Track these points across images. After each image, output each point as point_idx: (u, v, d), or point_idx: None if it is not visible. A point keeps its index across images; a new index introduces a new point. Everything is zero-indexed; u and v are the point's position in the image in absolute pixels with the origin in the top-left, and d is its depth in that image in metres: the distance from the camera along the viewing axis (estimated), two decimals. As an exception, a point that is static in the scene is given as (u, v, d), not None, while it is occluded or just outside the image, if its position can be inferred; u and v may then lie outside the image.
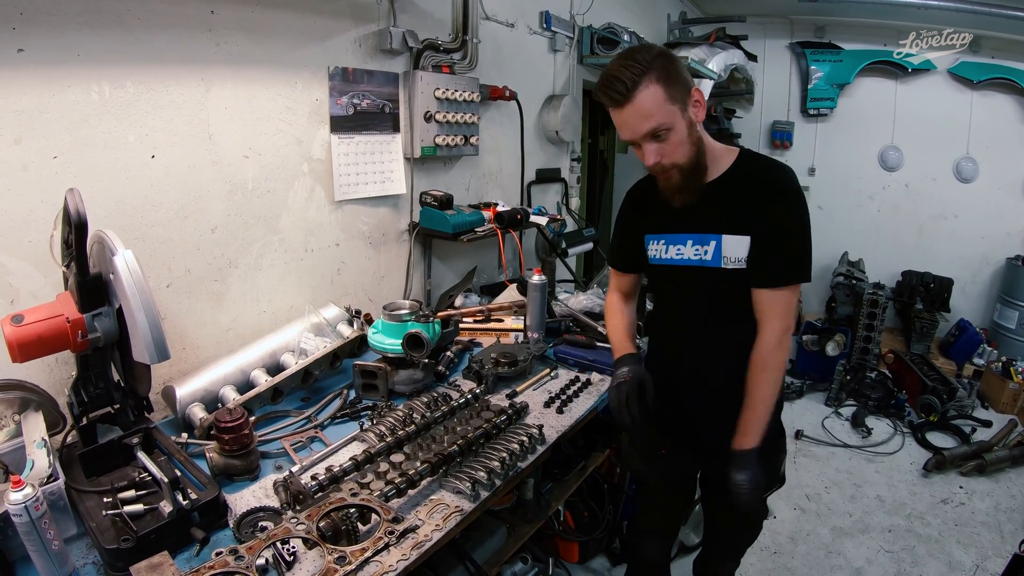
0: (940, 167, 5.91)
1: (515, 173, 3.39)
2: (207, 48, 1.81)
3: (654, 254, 1.72)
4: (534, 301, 2.30)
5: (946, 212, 5.99)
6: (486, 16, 2.90)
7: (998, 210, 5.77)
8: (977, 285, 6.02)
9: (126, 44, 1.62)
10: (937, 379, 4.73)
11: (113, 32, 1.59)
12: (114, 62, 1.60)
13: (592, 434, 2.52)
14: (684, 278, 1.66)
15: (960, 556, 3.15)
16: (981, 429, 4.46)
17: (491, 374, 2.01)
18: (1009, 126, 5.63)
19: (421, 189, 2.67)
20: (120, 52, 1.61)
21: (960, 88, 5.68)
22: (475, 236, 2.66)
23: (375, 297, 2.55)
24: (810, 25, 6.17)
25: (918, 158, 5.99)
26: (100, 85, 1.58)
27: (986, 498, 3.72)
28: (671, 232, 1.67)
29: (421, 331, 1.90)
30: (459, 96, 2.69)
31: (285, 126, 2.08)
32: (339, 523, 1.27)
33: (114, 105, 1.62)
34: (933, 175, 5.93)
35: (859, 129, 6.18)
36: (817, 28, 6.15)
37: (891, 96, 6.01)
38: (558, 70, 3.64)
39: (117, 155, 1.64)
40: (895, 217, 6.15)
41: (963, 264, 5.94)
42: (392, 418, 1.72)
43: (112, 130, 1.62)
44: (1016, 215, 5.76)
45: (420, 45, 2.53)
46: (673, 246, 1.67)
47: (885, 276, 5.89)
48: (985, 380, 5.09)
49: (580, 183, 4.24)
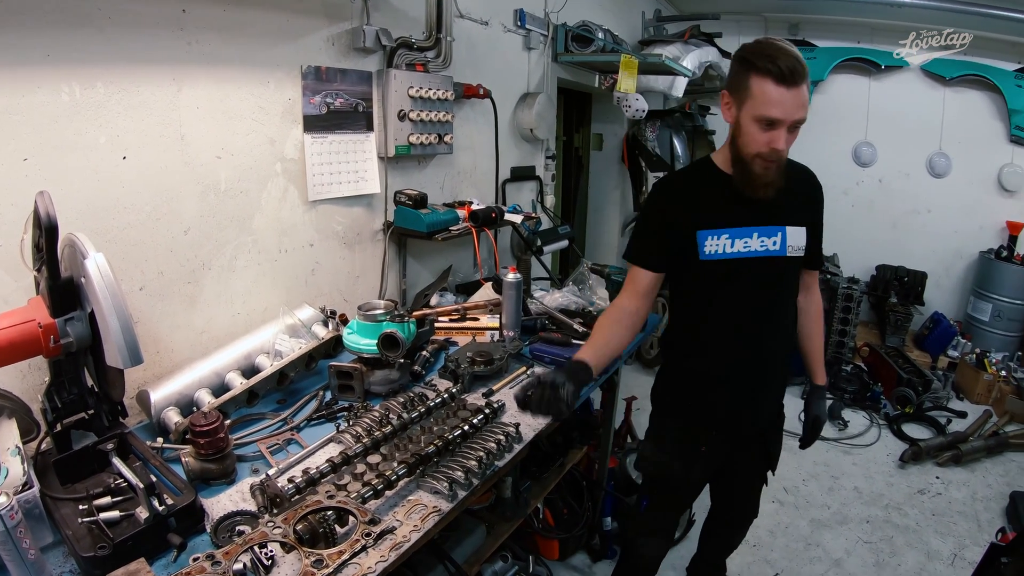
0: (913, 162, 6.13)
1: (490, 171, 3.44)
2: (179, 47, 1.82)
3: (713, 249, 1.76)
4: (509, 299, 2.34)
5: (919, 207, 6.21)
6: (460, 14, 2.94)
7: (971, 205, 6.01)
8: (951, 278, 6.26)
9: (96, 44, 1.63)
10: (912, 371, 4.92)
11: (83, 31, 1.60)
12: (84, 62, 1.61)
13: (570, 431, 2.60)
14: (749, 269, 1.78)
15: (938, 545, 3.29)
16: (956, 420, 4.68)
17: (467, 373, 2.05)
18: (981, 122, 5.86)
19: (395, 188, 2.70)
20: (90, 52, 1.62)
21: (933, 84, 5.90)
22: (450, 235, 2.70)
23: (350, 297, 2.58)
24: (784, 22, 6.34)
25: (891, 154, 6.20)
26: (70, 86, 1.59)
27: (962, 488, 3.88)
28: (736, 226, 1.76)
29: (396, 331, 1.93)
30: (433, 94, 2.73)
31: (258, 126, 2.10)
32: (316, 526, 1.29)
33: (84, 106, 1.63)
34: (906, 170, 6.14)
35: (833, 125, 6.34)
36: (791, 25, 6.32)
37: (864, 93, 6.22)
38: (532, 68, 3.69)
39: (88, 157, 1.65)
40: (869, 212, 6.34)
41: (937, 258, 6.18)
42: (368, 419, 1.75)
43: (82, 131, 1.63)
44: (989, 209, 5.99)
45: (394, 43, 2.56)
46: (740, 239, 1.76)
47: (860, 270, 6.10)
48: (960, 372, 5.30)
49: (555, 181, 4.30)
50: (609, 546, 2.98)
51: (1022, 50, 5.61)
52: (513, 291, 2.33)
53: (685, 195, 1.82)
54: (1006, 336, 5.67)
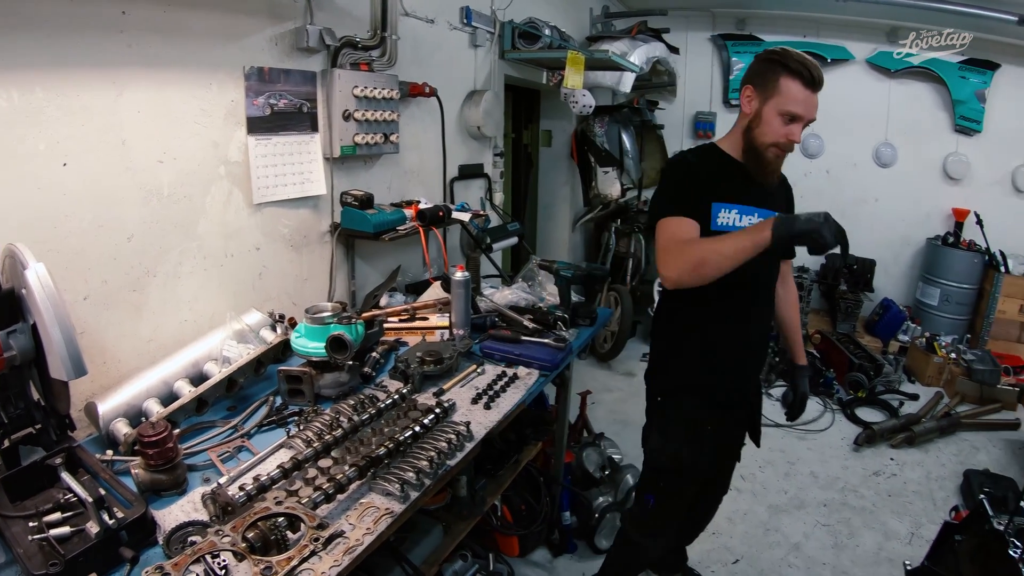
0: (860, 153, 6.47)
1: (437, 170, 3.52)
2: (119, 50, 1.86)
3: (724, 221, 1.99)
4: (458, 298, 2.41)
5: (867, 196, 6.56)
6: (405, 12, 3.02)
7: (917, 193, 6.40)
8: (899, 265, 6.66)
9: (34, 47, 1.66)
10: (864, 356, 5.23)
11: (20, 35, 1.63)
12: (22, 66, 1.64)
13: (523, 428, 2.68)
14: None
15: (895, 525, 3.50)
16: (908, 402, 4.99)
17: (417, 373, 2.10)
18: (926, 112, 6.24)
19: (342, 189, 2.76)
20: (28, 56, 1.65)
21: (879, 77, 6.25)
22: (397, 235, 2.77)
23: (299, 301, 2.63)
24: (731, 18, 6.59)
25: (838, 145, 6.51)
26: (8, 91, 1.62)
27: (917, 468, 4.13)
28: (745, 204, 2.02)
29: (343, 333, 1.97)
30: (378, 94, 2.79)
31: (200, 129, 2.15)
32: (268, 533, 1.31)
33: (23, 112, 1.65)
34: (853, 161, 6.47)
35: None
36: (738, 20, 6.58)
37: None
38: (479, 65, 3.79)
39: (27, 164, 1.68)
40: (817, 202, 6.53)
41: (885, 245, 6.53)
42: (319, 423, 1.79)
43: (22, 138, 1.66)
44: (935, 197, 6.38)
45: (338, 43, 2.63)
46: (747, 216, 2.01)
47: (809, 259, 6.45)
48: (910, 356, 5.66)
49: (504, 178, 4.41)
50: (569, 540, 3.10)
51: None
52: (461, 289, 2.40)
53: (703, 169, 2.05)
54: (955, 319, 6.09)
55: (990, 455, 4.36)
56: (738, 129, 2.03)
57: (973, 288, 6.04)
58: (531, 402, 2.93)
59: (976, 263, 6.00)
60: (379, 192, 2.95)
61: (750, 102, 1.97)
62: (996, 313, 5.86)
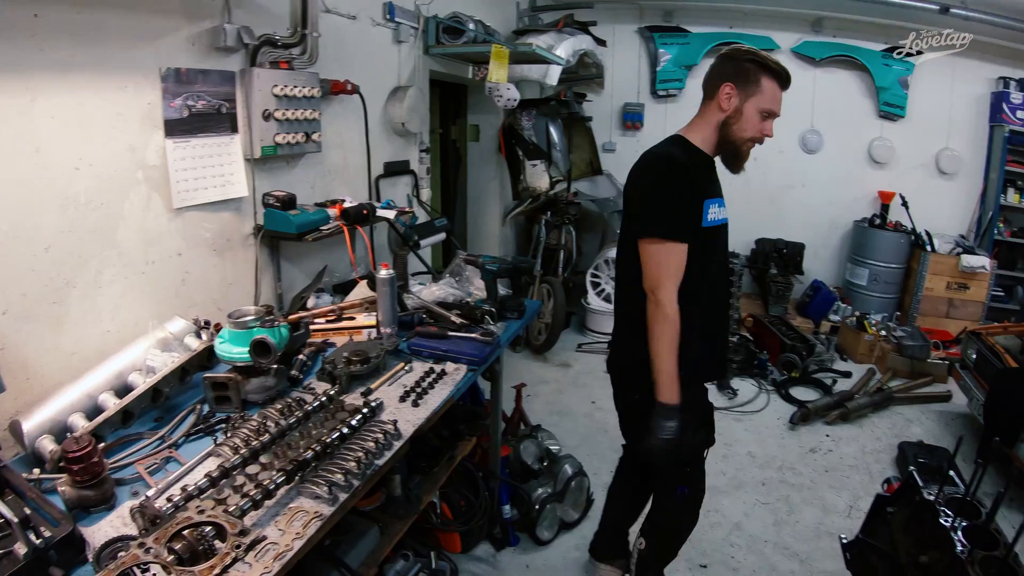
0: (787, 140, 6.84)
1: (362, 168, 3.61)
2: (31, 54, 1.87)
3: (714, 216, 2.22)
4: (384, 296, 2.47)
5: (794, 182, 7.01)
6: (327, 9, 3.09)
7: (843, 178, 6.89)
8: (828, 248, 7.15)
9: (-58, 55, 1.67)
10: (796, 338, 5.60)
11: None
12: (-71, 75, 1.65)
13: (456, 424, 2.77)
14: (721, 234, 2.32)
15: (833, 499, 3.75)
16: (842, 380, 5.36)
17: (344, 374, 2.14)
18: (851, 100, 6.73)
19: (264, 190, 2.80)
20: (-65, 64, 1.66)
21: (804, 66, 6.64)
22: (321, 235, 2.82)
23: (224, 306, 2.65)
24: (658, 10, 6.87)
25: (764, 132, 6.84)
26: (-87, 101, 1.63)
27: (852, 443, 4.44)
28: (718, 196, 2.27)
29: (266, 336, 2.01)
30: (299, 92, 2.84)
31: (117, 133, 2.17)
32: (195, 543, 1.32)
33: (-68, 122, 1.66)
34: (780, 147, 6.81)
35: None
36: (665, 13, 6.86)
37: None
38: (403, 61, 3.89)
39: (-62, 175, 1.69)
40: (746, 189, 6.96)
41: (814, 229, 7.00)
42: (246, 429, 1.80)
43: (-68, 148, 1.67)
44: (860, 181, 6.89)
45: (257, 41, 2.67)
46: (722, 208, 2.28)
47: (740, 245, 6.84)
48: (842, 335, 6.12)
49: (430, 174, 4.51)
50: (511, 533, 3.23)
51: (889, 31, 6.48)
52: (387, 287, 2.46)
53: (695, 169, 2.20)
54: (884, 298, 6.64)
55: (923, 427, 4.74)
56: (710, 124, 2.22)
57: (900, 267, 6.61)
58: (466, 397, 3.08)
59: (903, 243, 6.56)
60: (303, 192, 3.01)
61: (730, 99, 2.17)
62: (924, 290, 6.42)
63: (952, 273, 6.33)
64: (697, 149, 2.24)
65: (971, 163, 6.85)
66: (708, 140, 2.24)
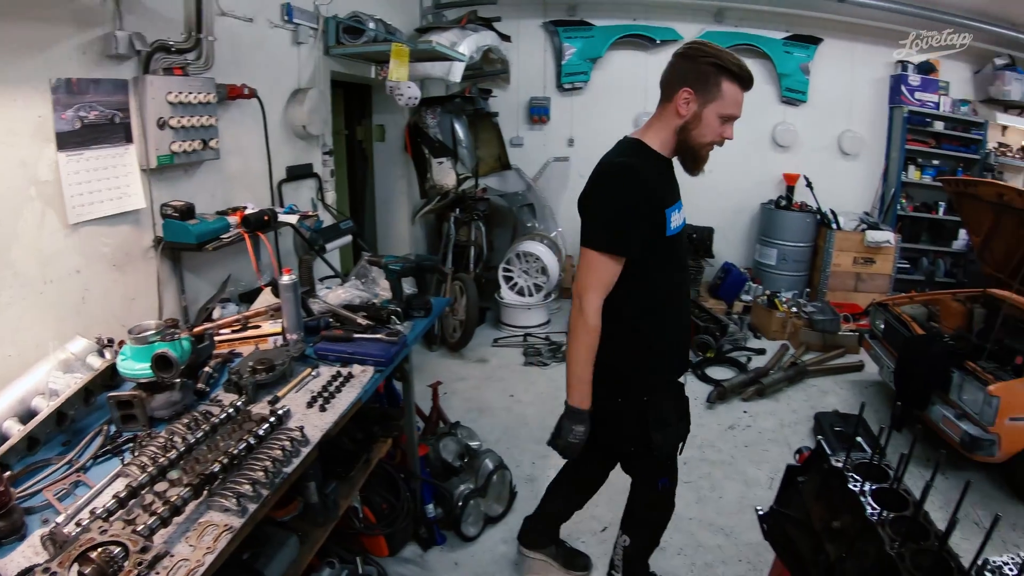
0: None
1: (263, 173, 3.64)
2: (-88, 72, 1.86)
3: (676, 223, 2.30)
4: (288, 302, 2.49)
5: None
6: (222, 12, 3.11)
7: (749, 163, 7.32)
8: (737, 231, 7.64)
9: None
10: (709, 319, 5.97)
11: None
12: None
13: (371, 426, 2.83)
14: (682, 236, 2.40)
15: (754, 473, 4.00)
16: (756, 357, 5.73)
17: (250, 383, 2.15)
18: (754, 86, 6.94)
19: (163, 201, 2.80)
20: None
21: None
22: (222, 243, 2.84)
23: (128, 322, 2.59)
24: (562, 4, 7.13)
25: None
26: None
27: (769, 417, 4.74)
28: (678, 201, 2.35)
29: (168, 350, 2.00)
30: (194, 98, 2.84)
31: (6, 149, 2.16)
32: (104, 566, 1.32)
33: None
34: (686, 136, 7.14)
35: (613, 99, 7.38)
36: (569, 7, 7.14)
37: (642, 66, 7.26)
38: (303, 63, 3.94)
39: None
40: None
41: (722, 213, 7.43)
42: (154, 446, 1.80)
43: None
44: (765, 165, 7.39)
45: (149, 48, 2.67)
46: (680, 213, 2.35)
47: None
48: (754, 314, 6.55)
49: (335, 176, 4.57)
50: (436, 532, 3.31)
51: (790, 19, 7.01)
52: (290, 293, 2.48)
53: (651, 177, 2.21)
54: (793, 276, 7.18)
55: (838, 396, 5.13)
56: (668, 128, 2.23)
57: (808, 246, 7.16)
58: (383, 399, 3.17)
59: (809, 222, 7.11)
60: (203, 201, 3.03)
61: (687, 104, 2.16)
62: (832, 267, 6.98)
63: (858, 249, 6.91)
64: (655, 153, 2.25)
65: (872, 143, 7.51)
66: (666, 143, 2.25)
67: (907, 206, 7.55)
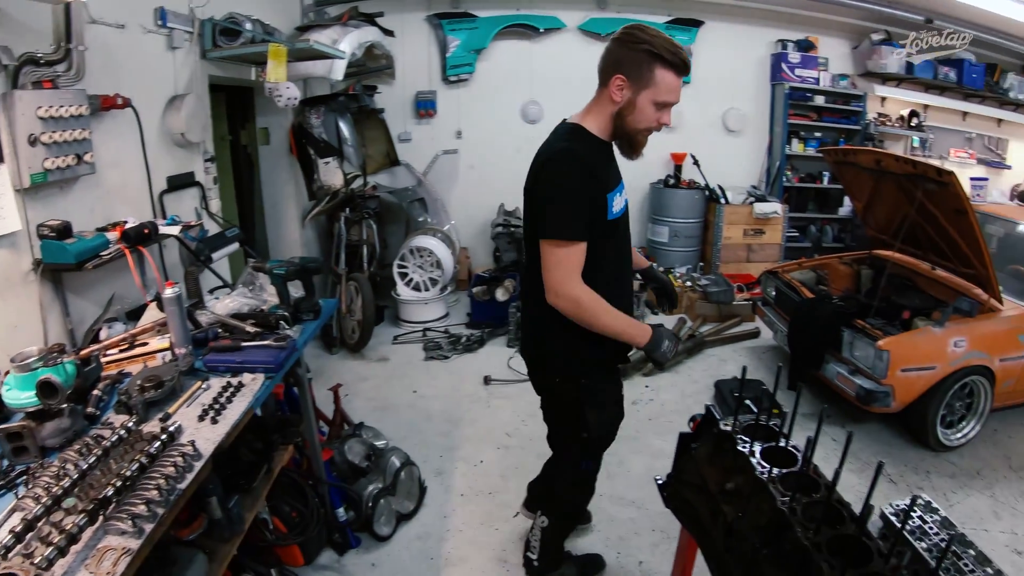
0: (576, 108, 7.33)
1: (143, 185, 3.59)
2: None
3: (619, 207, 2.37)
4: (173, 315, 2.46)
5: None
6: (92, 20, 3.04)
7: None
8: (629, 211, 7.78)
9: None
10: None
11: None
12: None
13: (270, 435, 2.85)
14: (623, 219, 2.47)
15: (660, 445, 4.20)
16: None
17: (140, 402, 2.14)
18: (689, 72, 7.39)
19: (39, 221, 2.75)
20: None
21: (591, 41, 7.34)
22: (102, 261, 2.81)
23: (12, 351, 2.53)
24: (445, -5, 7.17)
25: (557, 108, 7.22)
26: None
27: (671, 390, 5.01)
28: (620, 184, 2.41)
29: (51, 376, 1.99)
30: (66, 112, 2.78)
31: None
32: None
33: None
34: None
35: (500, 89, 7.56)
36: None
37: (527, 55, 7.46)
38: (179, 68, 3.90)
39: None
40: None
41: None
42: (47, 476, 1.75)
43: None
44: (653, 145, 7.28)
45: (17, 62, 2.62)
46: (622, 196, 2.42)
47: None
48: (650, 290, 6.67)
49: (219, 184, 4.53)
50: (350, 535, 3.35)
51: (671, 4, 7.42)
52: (174, 307, 2.44)
53: (592, 163, 2.26)
54: (685, 251, 7.60)
55: (737, 363, 5.44)
56: (605, 114, 2.29)
57: (698, 221, 7.60)
58: (284, 406, 3.22)
59: (697, 199, 7.55)
60: (82, 218, 2.97)
61: (621, 91, 2.20)
62: (723, 240, 7.45)
63: (747, 221, 7.39)
64: (594, 137, 2.31)
65: (756, 120, 8.03)
66: (604, 128, 2.31)
67: (793, 177, 8.12)
